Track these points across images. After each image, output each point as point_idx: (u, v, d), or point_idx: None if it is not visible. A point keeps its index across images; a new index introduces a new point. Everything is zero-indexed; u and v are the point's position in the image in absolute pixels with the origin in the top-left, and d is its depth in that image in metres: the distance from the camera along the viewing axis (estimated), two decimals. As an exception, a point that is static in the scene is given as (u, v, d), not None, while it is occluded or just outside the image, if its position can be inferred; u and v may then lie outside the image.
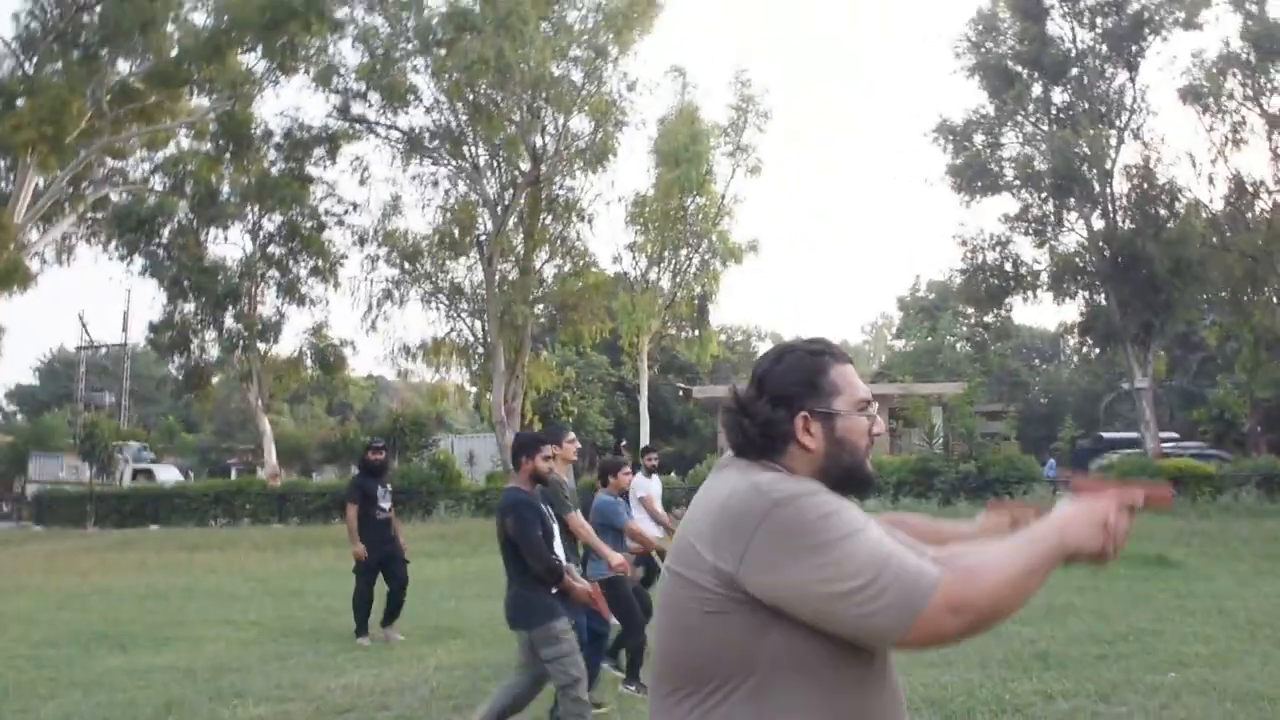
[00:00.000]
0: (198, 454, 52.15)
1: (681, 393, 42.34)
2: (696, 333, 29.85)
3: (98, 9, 27.98)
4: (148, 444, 42.39)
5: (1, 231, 28.14)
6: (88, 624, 11.07)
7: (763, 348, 76.77)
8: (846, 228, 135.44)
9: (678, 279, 28.42)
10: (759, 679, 1.69)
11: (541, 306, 28.54)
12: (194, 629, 10.87)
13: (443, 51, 25.45)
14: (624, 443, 47.33)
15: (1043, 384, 60.86)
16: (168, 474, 36.79)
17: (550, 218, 27.97)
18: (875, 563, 1.60)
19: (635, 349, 28.05)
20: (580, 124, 27.25)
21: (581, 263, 28.11)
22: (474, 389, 32.93)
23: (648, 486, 9.94)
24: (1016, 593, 1.63)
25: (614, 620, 6.81)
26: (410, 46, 26.39)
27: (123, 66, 29.69)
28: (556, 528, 5.72)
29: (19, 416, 64.71)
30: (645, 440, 26.94)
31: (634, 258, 28.75)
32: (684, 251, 28.35)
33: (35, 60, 27.88)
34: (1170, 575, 13.46)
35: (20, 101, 26.92)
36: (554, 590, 5.28)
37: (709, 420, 43.54)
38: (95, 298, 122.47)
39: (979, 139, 29.67)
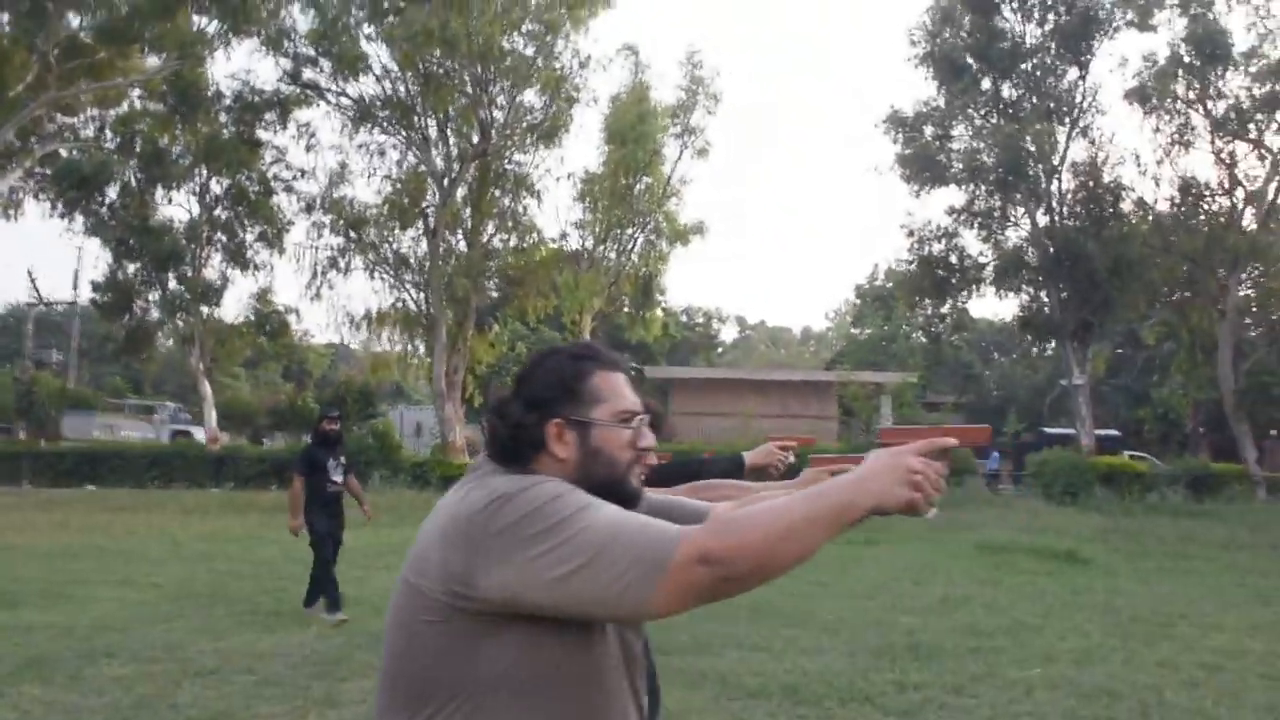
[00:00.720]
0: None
1: (634, 372, 42.22)
2: (641, 312, 29.59)
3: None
4: (182, 405, 41.87)
5: (-60, 182, 27.55)
6: (-15, 580, 10.88)
7: (724, 330, 77.08)
8: (817, 214, 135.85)
9: (622, 258, 28.22)
10: (474, 701, 1.60)
11: (488, 280, 28.24)
12: (92, 589, 10.75)
13: (393, 19, 25.02)
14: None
15: (995, 377, 61.31)
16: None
17: (499, 191, 27.69)
18: (610, 531, 1.53)
19: (578, 326, 27.86)
20: (531, 99, 27.01)
21: (528, 238, 27.86)
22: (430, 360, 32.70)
23: None
24: (783, 544, 1.53)
25: None
26: (361, 14, 25.93)
27: (73, 22, 28.95)
28: None
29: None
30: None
31: (580, 235, 28.51)
32: (630, 230, 28.15)
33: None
34: (1074, 571, 13.61)
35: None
36: None
37: (663, 401, 43.71)
38: (48, 254, 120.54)
39: (929, 130, 29.66)
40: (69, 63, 28.72)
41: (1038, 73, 29.17)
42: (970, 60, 29.24)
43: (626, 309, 30.90)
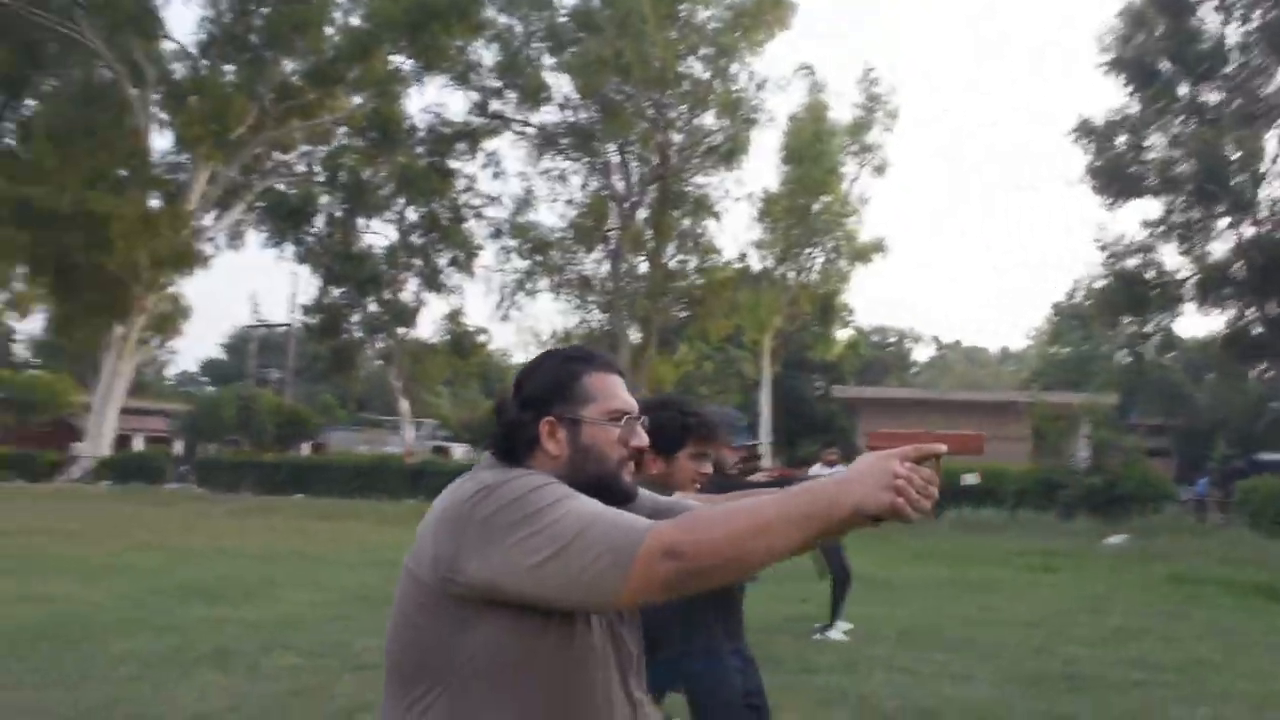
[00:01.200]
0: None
1: (819, 391, 41.88)
2: (822, 331, 29.34)
3: (263, 11, 29.34)
4: (441, 423, 44.38)
5: (177, 219, 30.00)
6: (197, 578, 11.99)
7: (918, 350, 75.42)
8: (1014, 229, 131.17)
9: (802, 276, 28.06)
10: (460, 682, 1.70)
11: (668, 301, 28.60)
12: (284, 589, 11.53)
13: (571, 50, 25.83)
14: (756, 442, 46.81)
15: (1206, 398, 57.56)
16: (459, 451, 38.54)
17: (679, 213, 28.02)
18: (582, 521, 1.60)
19: (758, 346, 27.85)
20: (710, 121, 27.28)
21: (708, 259, 28.05)
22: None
23: (825, 475, 10.04)
24: (750, 542, 1.57)
25: None
26: (542, 46, 26.85)
27: (285, 67, 31.11)
28: None
29: (211, 388, 68.55)
30: (766, 437, 26.84)
31: (760, 255, 28.54)
32: (809, 249, 27.96)
33: (208, 64, 29.48)
34: (1272, 609, 12.58)
35: (192, 100, 28.45)
36: None
37: (851, 419, 42.93)
38: (270, 280, 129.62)
39: (1121, 139, 28.22)
40: (282, 104, 30.83)
41: (1241, 75, 27.36)
42: (1165, 64, 27.71)
43: (813, 327, 30.52)
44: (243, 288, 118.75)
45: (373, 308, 31.08)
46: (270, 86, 30.60)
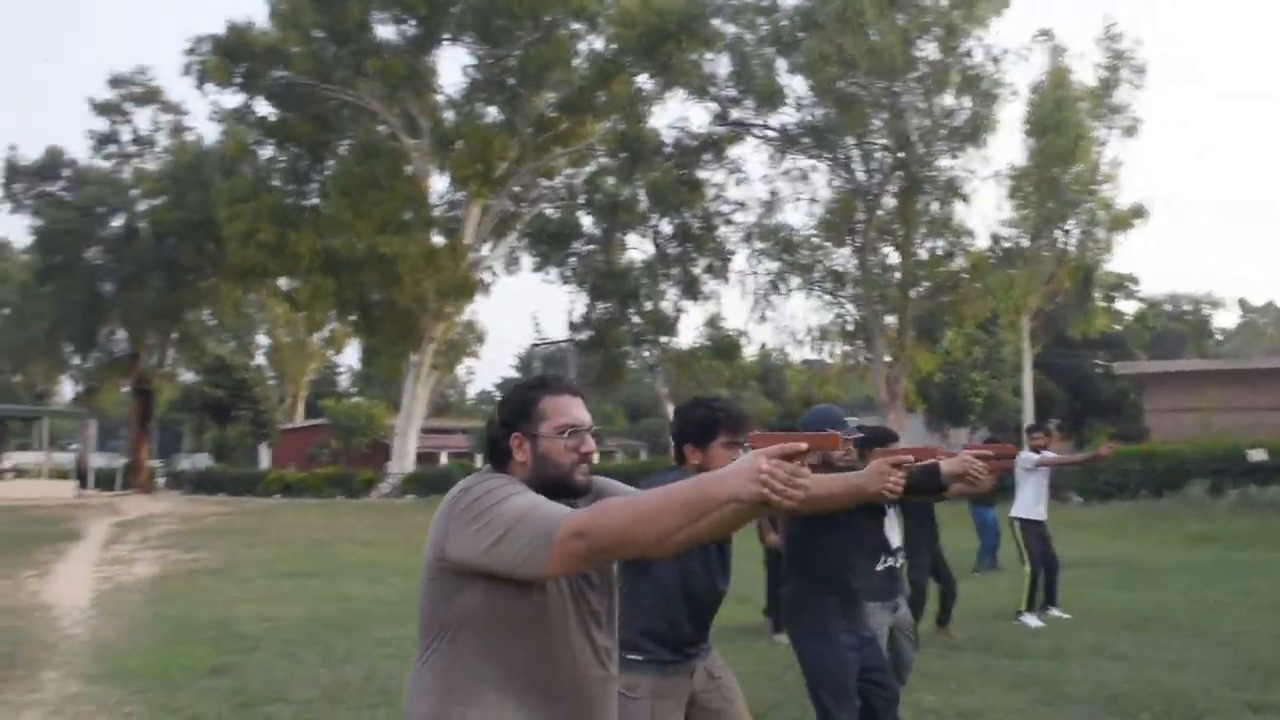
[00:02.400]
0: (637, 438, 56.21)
1: (1100, 369, 39.49)
2: (1082, 306, 27.77)
3: (515, 54, 31.16)
4: None
5: (455, 252, 32.35)
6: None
7: (1219, 317, 69.25)
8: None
9: (1056, 252, 26.64)
10: (449, 637, 2.22)
11: (922, 289, 27.96)
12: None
13: (795, 51, 25.86)
14: (1055, 421, 44.80)
15: None
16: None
17: (926, 199, 27.34)
18: (518, 514, 2.07)
19: (1016, 327, 26.73)
20: (948, 102, 26.43)
21: (959, 242, 27.23)
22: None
23: (1035, 460, 10.04)
24: (641, 526, 1.97)
25: None
26: (770, 50, 26.98)
27: (540, 101, 32.86)
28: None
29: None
30: (1029, 419, 25.68)
31: (1013, 233, 27.32)
32: (1063, 223, 26.51)
33: (468, 109, 31.65)
34: None
35: (459, 144, 30.60)
36: None
37: (1141, 398, 40.08)
38: (551, 300, 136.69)
39: None
40: (540, 136, 32.60)
41: None
42: None
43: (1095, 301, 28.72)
44: (532, 308, 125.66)
45: (635, 319, 32.15)
46: (528, 121, 32.39)
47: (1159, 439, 25.56)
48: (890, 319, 28.03)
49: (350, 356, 67.91)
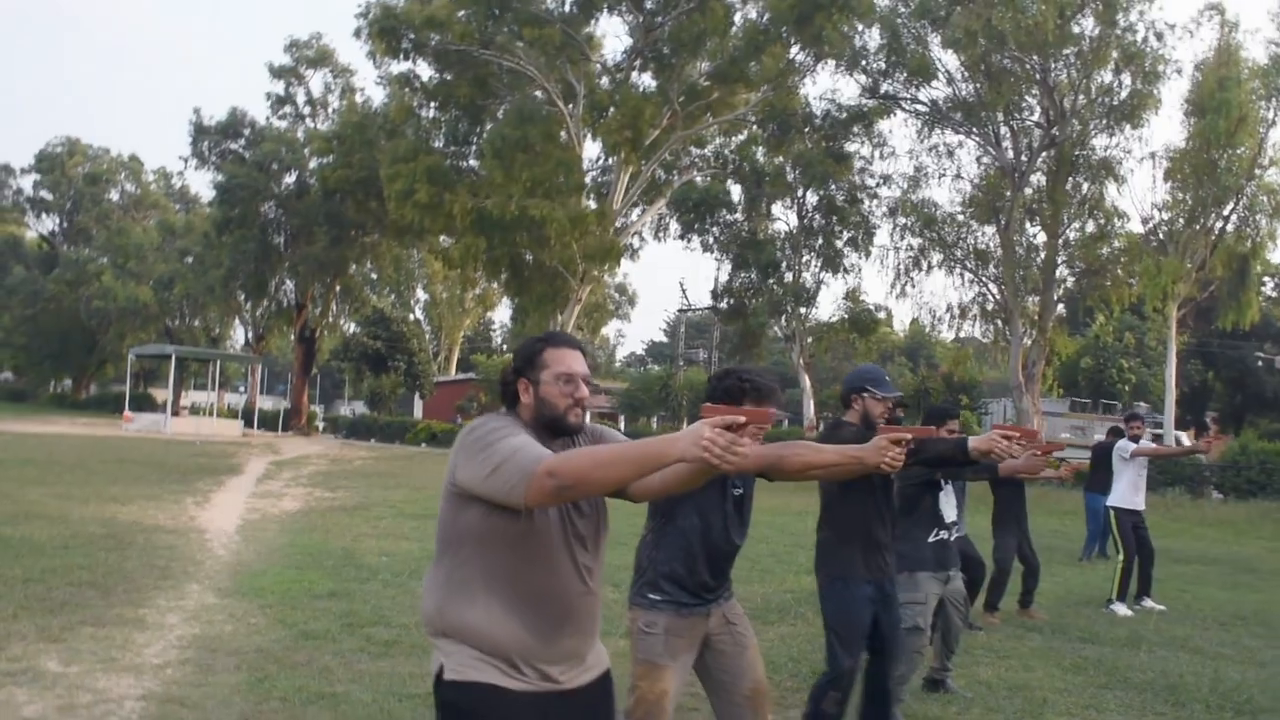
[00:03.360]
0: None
1: (1260, 362, 37.58)
2: (1234, 297, 26.49)
3: (670, 23, 31.48)
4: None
5: (603, 217, 33.06)
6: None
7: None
8: None
9: (1211, 238, 25.50)
10: (455, 548, 2.62)
11: (1068, 270, 27.21)
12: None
13: (943, 26, 25.36)
14: (1213, 415, 43.23)
15: None
16: None
17: (1077, 179, 26.52)
18: (510, 451, 2.43)
19: (1161, 314, 25.75)
20: (1107, 79, 25.51)
21: (1110, 224, 26.32)
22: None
23: (1131, 449, 10.20)
24: (599, 471, 2.33)
25: None
26: (924, 23, 26.53)
27: (693, 69, 33.11)
28: None
29: (655, 367, 73.94)
30: (1170, 410, 24.86)
31: (1166, 216, 26.29)
32: (1222, 208, 25.33)
33: (622, 77, 32.18)
34: None
35: (610, 111, 31.14)
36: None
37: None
38: (699, 268, 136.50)
39: None
40: (691, 104, 32.85)
41: None
42: None
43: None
44: (683, 274, 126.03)
45: (775, 289, 32.23)
46: (680, 90, 32.67)
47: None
48: (1032, 300, 27.33)
49: (503, 314, 69.91)
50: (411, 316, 62.74)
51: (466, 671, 2.54)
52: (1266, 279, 55.34)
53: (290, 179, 49.12)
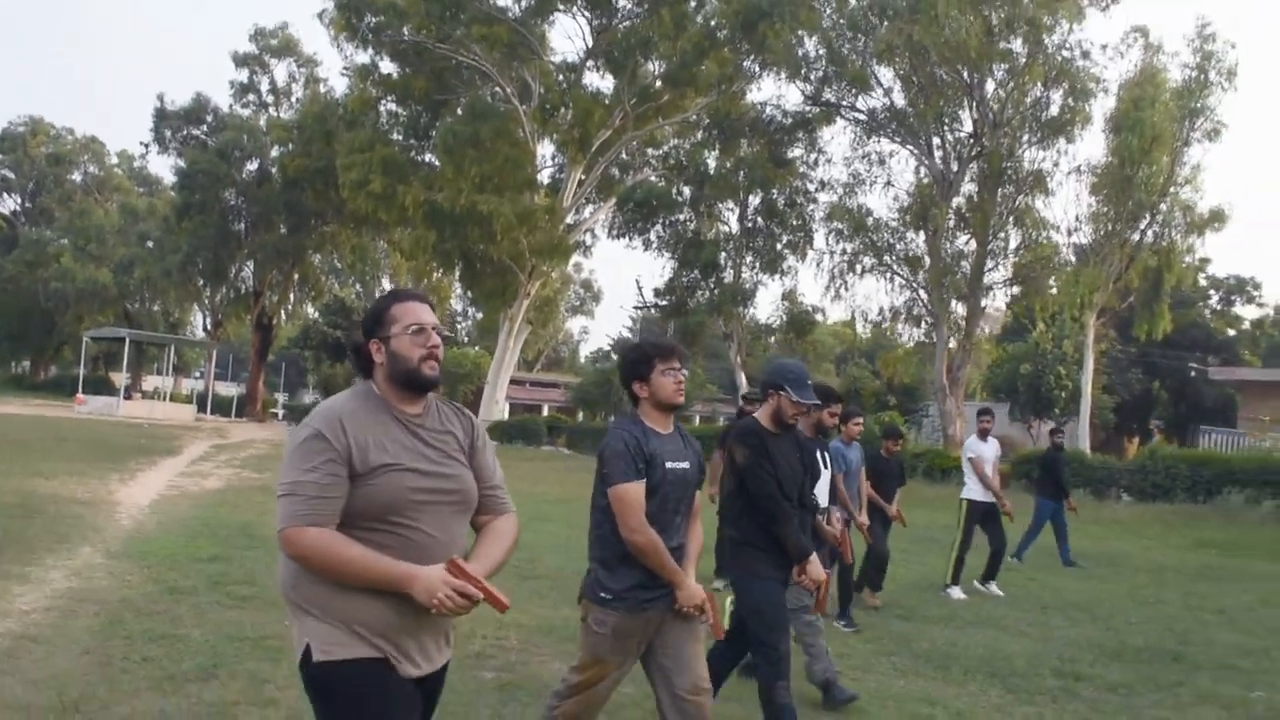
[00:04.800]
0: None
1: (1193, 372, 38.78)
2: (1149, 308, 27.62)
3: (624, 25, 32.30)
4: None
5: (552, 213, 33.75)
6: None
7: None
8: None
9: (1126, 251, 26.60)
10: (349, 525, 2.52)
11: (997, 278, 28.28)
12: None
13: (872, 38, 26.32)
14: (1158, 423, 44.37)
15: None
16: None
17: (1008, 190, 27.49)
18: (292, 484, 2.48)
19: (1079, 323, 26.79)
20: (1037, 94, 26.47)
21: (1035, 235, 27.34)
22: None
23: (979, 449, 10.76)
24: (336, 572, 2.46)
25: None
26: (856, 36, 27.45)
27: (646, 71, 33.92)
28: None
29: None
30: (1084, 416, 25.84)
31: (1085, 229, 27.49)
32: (1139, 222, 26.42)
33: (575, 78, 32.93)
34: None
35: (561, 111, 31.98)
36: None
37: (1251, 405, 39.00)
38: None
39: None
40: (641, 106, 33.62)
41: None
42: None
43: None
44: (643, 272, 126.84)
45: (714, 289, 33.07)
46: (633, 92, 33.44)
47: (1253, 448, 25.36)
48: (959, 306, 28.32)
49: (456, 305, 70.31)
50: (373, 307, 63.18)
51: (334, 650, 2.50)
52: (1212, 292, 56.96)
53: (252, 167, 49.65)
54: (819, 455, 5.91)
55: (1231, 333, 55.49)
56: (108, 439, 24.82)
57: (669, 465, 3.77)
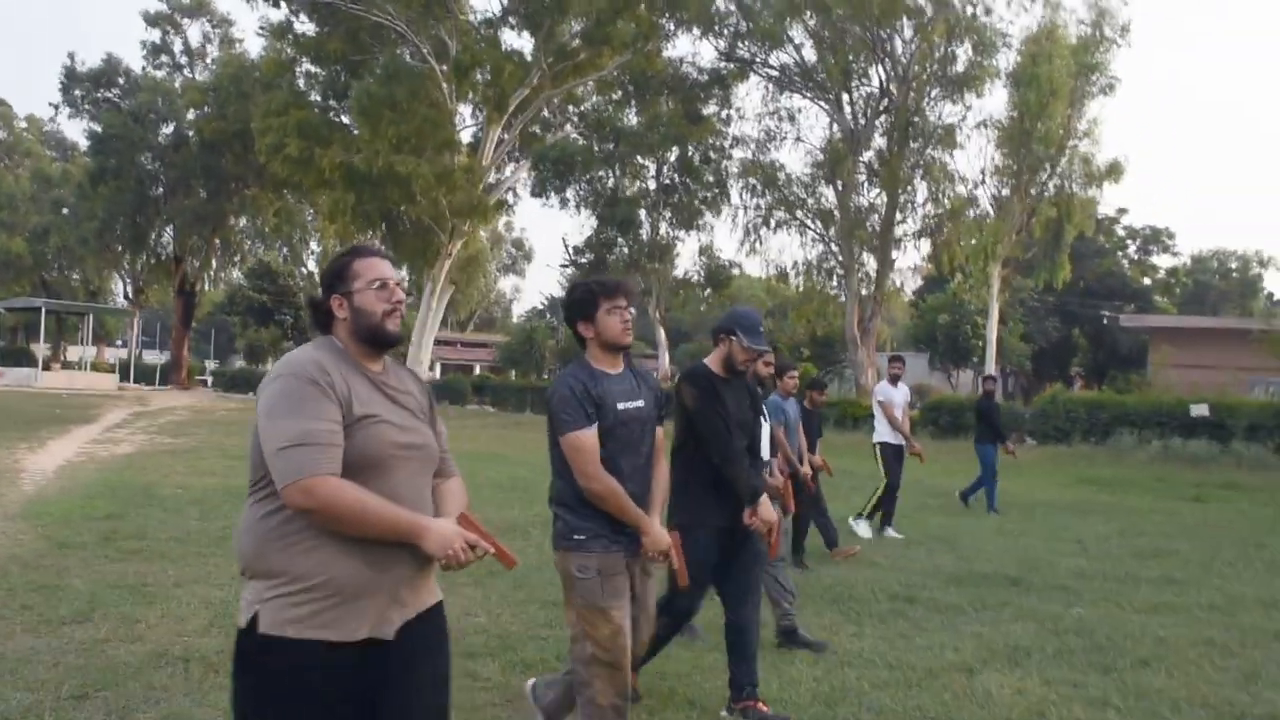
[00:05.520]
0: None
1: (1105, 320, 40.10)
2: (1049, 257, 28.62)
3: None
4: None
5: (470, 174, 33.77)
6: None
7: (1267, 276, 68.04)
8: None
9: (1027, 203, 27.51)
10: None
11: (907, 231, 29.06)
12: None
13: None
14: (1079, 370, 45.64)
15: None
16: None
17: (916, 144, 28.19)
18: (294, 436, 2.37)
19: (986, 273, 27.72)
20: (940, 50, 27.12)
21: (942, 189, 28.15)
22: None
23: (888, 393, 11.17)
24: (354, 522, 2.39)
25: None
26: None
27: (562, 30, 33.95)
28: None
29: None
30: (990, 363, 26.88)
31: (995, 183, 28.26)
32: (1036, 176, 27.30)
33: (490, 36, 32.85)
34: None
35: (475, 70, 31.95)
36: None
37: (1140, 353, 40.43)
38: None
39: None
40: (559, 65, 33.69)
41: None
42: None
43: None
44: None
45: (629, 245, 33.50)
46: (550, 50, 33.47)
47: (1160, 391, 26.47)
48: (870, 259, 29.04)
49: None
50: (305, 269, 62.76)
51: (286, 628, 2.40)
52: (1129, 241, 58.55)
53: (168, 130, 48.83)
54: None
55: (1147, 281, 57.29)
56: (22, 410, 24.75)
57: (621, 406, 3.68)
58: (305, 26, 36.43)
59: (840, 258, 29.57)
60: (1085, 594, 8.11)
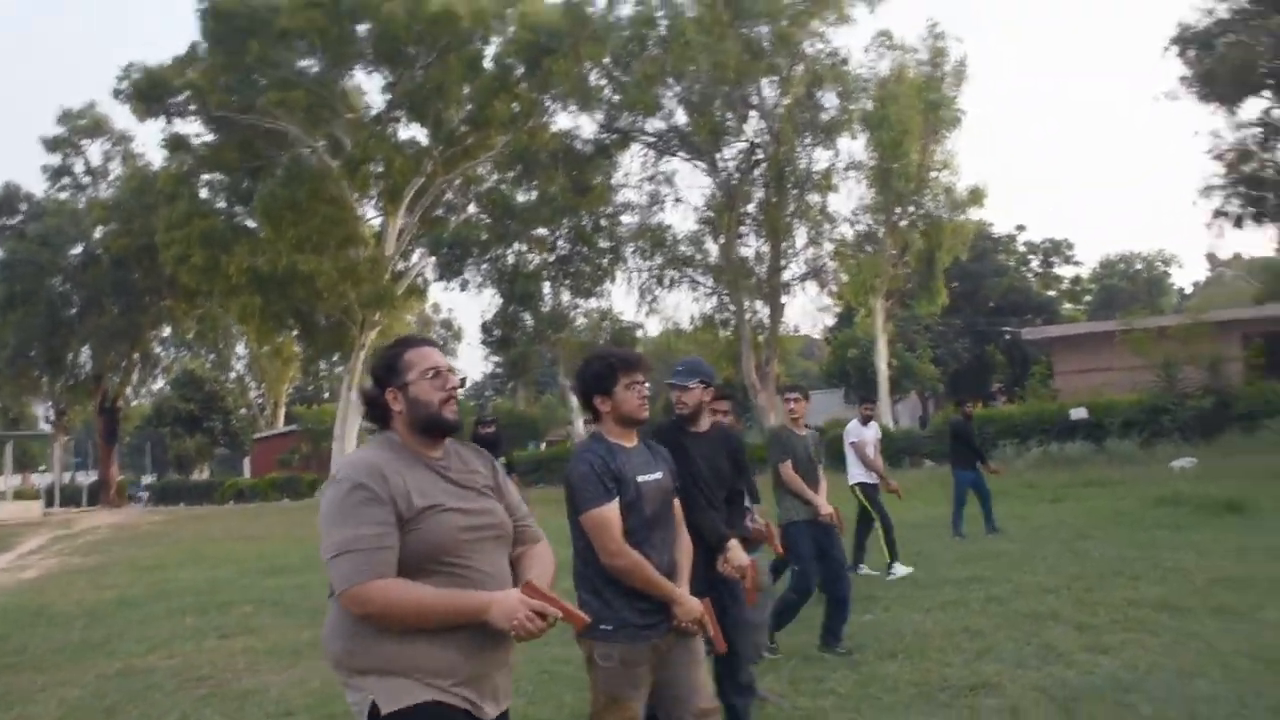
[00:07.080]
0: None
1: (1008, 336, 41.62)
2: (925, 286, 30.07)
3: (418, 76, 33.39)
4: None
5: (375, 266, 34.57)
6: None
7: (1178, 275, 70.27)
8: None
9: (898, 236, 29.01)
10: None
11: (794, 274, 30.37)
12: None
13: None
14: (998, 386, 46.71)
15: None
16: None
17: (793, 191, 29.54)
18: (346, 542, 2.44)
19: (868, 307, 29.02)
20: (805, 101, 28.60)
21: (821, 231, 29.51)
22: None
23: (860, 433, 11.21)
24: (413, 618, 2.43)
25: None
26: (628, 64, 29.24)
27: (448, 117, 35.04)
28: None
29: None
30: (883, 393, 28.05)
31: (863, 220, 29.75)
32: (902, 209, 28.85)
33: (380, 130, 33.80)
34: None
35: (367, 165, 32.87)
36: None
37: (1047, 363, 41.60)
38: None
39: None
40: (450, 150, 34.75)
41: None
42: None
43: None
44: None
45: (532, 319, 34.38)
46: (440, 137, 34.53)
47: (1066, 400, 27.55)
48: (761, 306, 30.18)
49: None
50: (234, 374, 62.70)
51: (404, 697, 2.46)
52: (1030, 257, 60.50)
53: (76, 250, 49.03)
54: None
55: (1052, 293, 59.21)
56: (-62, 544, 24.77)
57: (640, 479, 3.65)
58: (203, 138, 37.25)
59: (732, 308, 30.67)
60: (884, 600, 8.97)
